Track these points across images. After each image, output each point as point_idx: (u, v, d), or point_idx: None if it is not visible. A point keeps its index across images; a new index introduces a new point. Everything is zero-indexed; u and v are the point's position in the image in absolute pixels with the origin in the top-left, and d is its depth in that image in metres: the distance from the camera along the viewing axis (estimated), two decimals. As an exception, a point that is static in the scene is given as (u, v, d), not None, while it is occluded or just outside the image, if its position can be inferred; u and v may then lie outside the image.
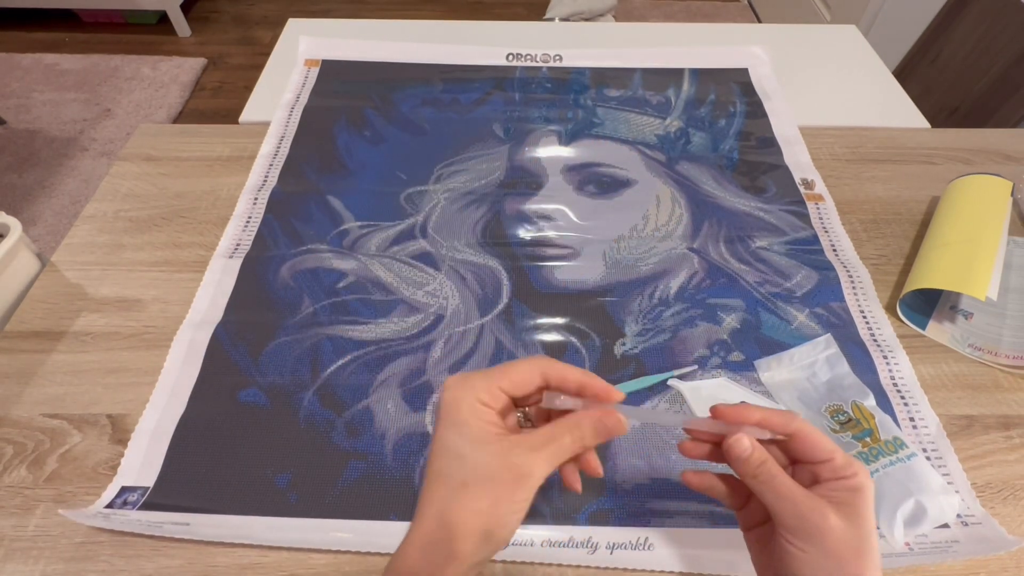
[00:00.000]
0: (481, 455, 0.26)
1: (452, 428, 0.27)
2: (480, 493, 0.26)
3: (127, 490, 0.41)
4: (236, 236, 0.56)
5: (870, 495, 0.28)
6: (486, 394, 0.27)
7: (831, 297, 0.53)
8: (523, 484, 0.26)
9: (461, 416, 0.27)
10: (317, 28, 0.82)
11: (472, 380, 0.28)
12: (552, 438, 0.27)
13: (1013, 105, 1.17)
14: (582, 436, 0.28)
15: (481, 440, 0.26)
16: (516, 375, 0.28)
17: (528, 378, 0.28)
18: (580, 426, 0.28)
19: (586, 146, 0.66)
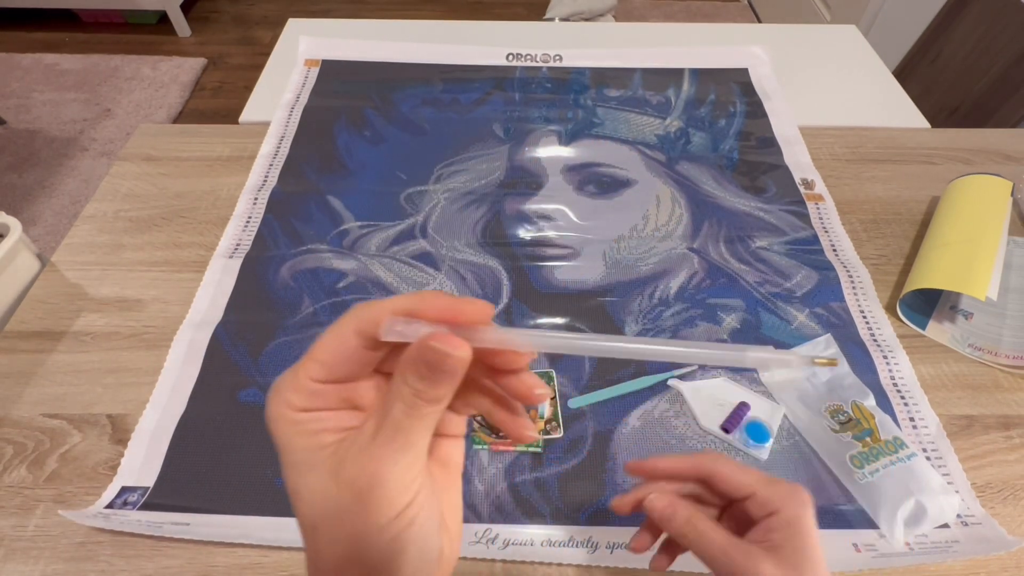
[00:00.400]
0: (314, 484, 0.19)
1: (281, 461, 0.20)
2: (331, 534, 0.19)
3: (127, 490, 0.41)
4: (236, 236, 0.56)
5: (805, 524, 0.27)
6: (295, 396, 0.19)
7: (831, 297, 0.53)
8: (374, 502, 0.18)
9: (280, 440, 0.19)
10: (317, 28, 0.82)
11: (278, 385, 0.20)
12: (383, 417, 0.19)
13: (1013, 105, 1.17)
14: (413, 391, 0.19)
15: (307, 464, 0.19)
16: (323, 351, 0.20)
17: (340, 344, 0.20)
18: (404, 378, 0.19)
19: (586, 146, 0.66)
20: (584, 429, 0.45)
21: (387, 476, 0.18)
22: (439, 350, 0.18)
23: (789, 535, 0.26)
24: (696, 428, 0.45)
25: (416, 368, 0.19)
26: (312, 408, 0.20)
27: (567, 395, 0.47)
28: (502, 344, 0.20)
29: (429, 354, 0.18)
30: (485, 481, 0.42)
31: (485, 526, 0.40)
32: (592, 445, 0.44)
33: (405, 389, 0.19)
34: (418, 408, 0.19)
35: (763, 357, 0.20)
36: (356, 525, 0.19)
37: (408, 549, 0.19)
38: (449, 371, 0.19)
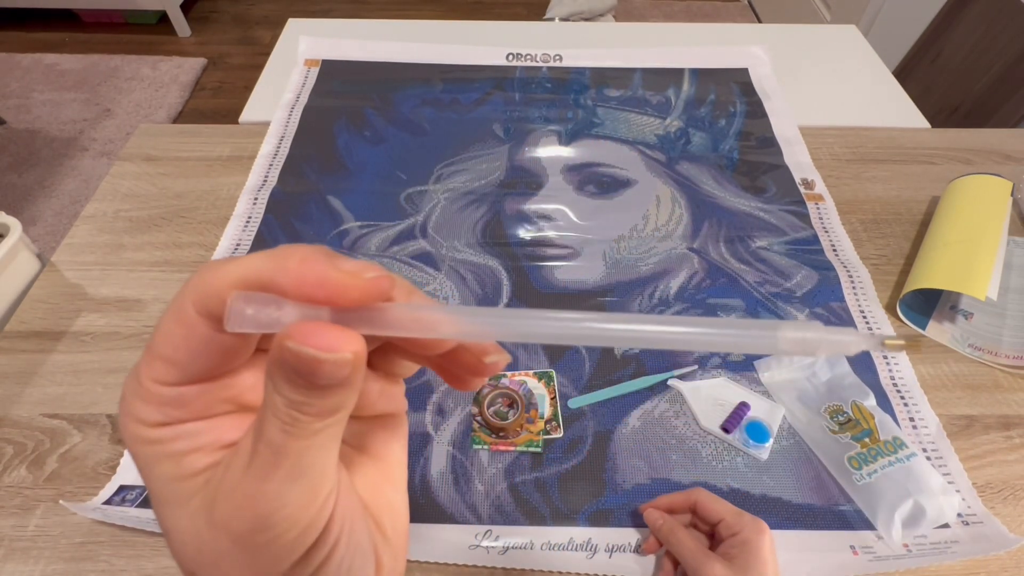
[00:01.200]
0: (185, 523, 0.14)
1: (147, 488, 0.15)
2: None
3: (125, 488, 0.41)
4: (236, 236, 0.56)
5: (757, 545, 0.34)
6: (143, 408, 0.14)
7: (831, 297, 0.53)
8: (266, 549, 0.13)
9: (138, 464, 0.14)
10: (317, 28, 0.82)
11: (124, 395, 0.14)
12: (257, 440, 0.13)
13: (1013, 105, 1.17)
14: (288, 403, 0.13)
15: (173, 498, 0.14)
16: (164, 343, 0.13)
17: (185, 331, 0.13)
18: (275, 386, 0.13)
19: (586, 146, 0.66)
20: (584, 429, 0.45)
21: (273, 517, 0.13)
22: (304, 355, 0.12)
23: (742, 551, 0.35)
24: (696, 428, 0.45)
25: (285, 375, 0.12)
26: (172, 421, 0.14)
27: (567, 395, 0.47)
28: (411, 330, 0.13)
29: (291, 358, 0.12)
30: (485, 481, 0.42)
31: (485, 528, 0.40)
32: (592, 445, 0.44)
33: (278, 400, 0.13)
34: (301, 425, 0.13)
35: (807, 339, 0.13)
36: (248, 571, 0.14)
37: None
38: (330, 380, 0.12)
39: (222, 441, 0.14)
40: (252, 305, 0.12)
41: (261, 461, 0.13)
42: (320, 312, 0.13)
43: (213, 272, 0.13)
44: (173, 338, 0.13)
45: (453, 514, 0.41)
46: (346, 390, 0.13)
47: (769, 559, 0.34)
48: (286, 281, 0.13)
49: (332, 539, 0.14)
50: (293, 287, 0.13)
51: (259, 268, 0.13)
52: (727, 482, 0.43)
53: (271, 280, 0.13)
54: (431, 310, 0.14)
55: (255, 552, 0.13)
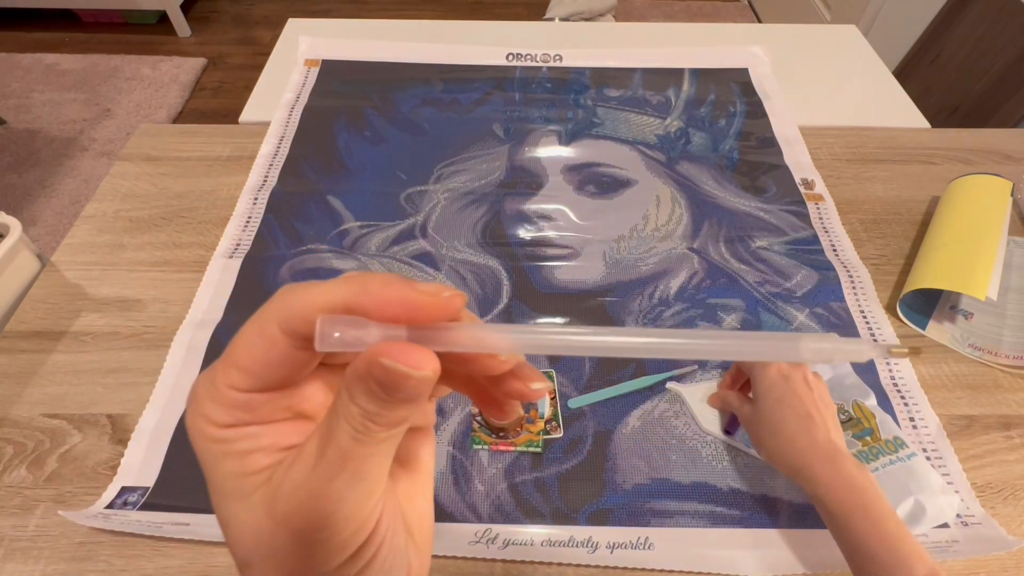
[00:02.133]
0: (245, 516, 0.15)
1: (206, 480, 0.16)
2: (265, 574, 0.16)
3: (127, 490, 0.41)
4: (236, 236, 0.56)
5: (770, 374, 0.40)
6: (215, 409, 0.15)
7: (831, 297, 0.53)
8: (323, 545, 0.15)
9: (202, 460, 0.16)
10: (317, 28, 0.82)
11: (196, 395, 0.15)
12: (326, 440, 0.15)
13: (1013, 105, 1.17)
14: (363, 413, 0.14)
15: (236, 492, 0.15)
16: (244, 354, 0.15)
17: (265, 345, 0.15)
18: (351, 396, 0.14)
19: (586, 146, 0.66)
20: (584, 429, 0.45)
21: (334, 515, 0.14)
22: (395, 370, 0.14)
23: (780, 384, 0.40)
24: (696, 428, 0.45)
25: (366, 387, 0.14)
26: (240, 423, 0.15)
27: (567, 395, 0.47)
28: (478, 347, 0.15)
29: (381, 374, 0.14)
30: (485, 481, 0.42)
31: (485, 526, 0.40)
32: (592, 445, 0.44)
33: (353, 410, 0.14)
34: (371, 434, 0.14)
35: (824, 348, 0.15)
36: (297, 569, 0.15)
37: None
38: (409, 395, 0.14)
39: (281, 444, 0.16)
40: (338, 328, 0.14)
41: (328, 463, 0.14)
42: (399, 331, 0.15)
43: (299, 296, 0.15)
44: (253, 351, 0.15)
45: (453, 514, 0.41)
46: (416, 405, 0.15)
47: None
48: (369, 302, 0.14)
49: (378, 540, 0.16)
50: (375, 308, 0.14)
51: (343, 293, 0.15)
52: (727, 482, 0.43)
53: (355, 303, 0.14)
54: (494, 330, 0.15)
55: (312, 547, 0.15)
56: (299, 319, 0.14)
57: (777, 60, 0.77)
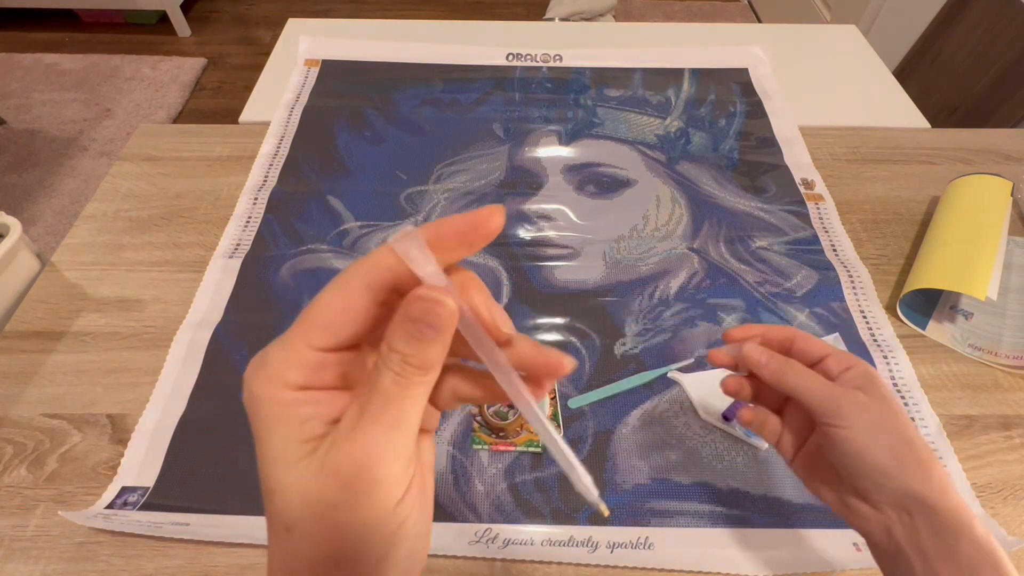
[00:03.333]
0: (294, 480, 0.17)
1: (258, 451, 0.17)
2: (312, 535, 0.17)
3: (127, 490, 0.41)
4: (236, 236, 0.56)
5: (879, 377, 0.31)
6: (293, 371, 0.17)
7: (831, 297, 0.53)
8: (365, 494, 0.16)
9: (260, 431, 0.17)
10: (317, 28, 0.82)
11: (269, 360, 0.17)
12: (371, 393, 0.17)
13: (1013, 105, 1.17)
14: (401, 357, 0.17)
15: (290, 459, 0.17)
16: (327, 311, 0.17)
17: (347, 302, 0.17)
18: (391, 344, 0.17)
19: (586, 146, 0.66)
20: (584, 429, 0.45)
21: (378, 460, 0.16)
22: (430, 298, 0.17)
23: (868, 380, 0.30)
24: (696, 428, 0.45)
25: (404, 331, 0.17)
26: (311, 386, 0.17)
27: (567, 395, 0.47)
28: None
29: (418, 306, 0.17)
30: (485, 481, 0.42)
31: (485, 526, 0.40)
32: (592, 445, 0.44)
33: (394, 356, 0.17)
34: (409, 376, 0.17)
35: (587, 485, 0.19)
36: (343, 524, 0.16)
37: (397, 551, 0.17)
38: (439, 325, 0.17)
39: (333, 415, 0.17)
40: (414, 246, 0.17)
41: (373, 409, 0.17)
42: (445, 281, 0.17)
43: (376, 255, 0.17)
44: (335, 306, 0.17)
45: (453, 513, 0.41)
46: (443, 344, 0.17)
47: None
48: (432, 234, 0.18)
49: (410, 503, 0.17)
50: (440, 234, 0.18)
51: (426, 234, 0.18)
52: (727, 482, 0.43)
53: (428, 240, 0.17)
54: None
55: (358, 495, 0.16)
56: (383, 270, 0.17)
57: (777, 60, 0.78)
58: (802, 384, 0.31)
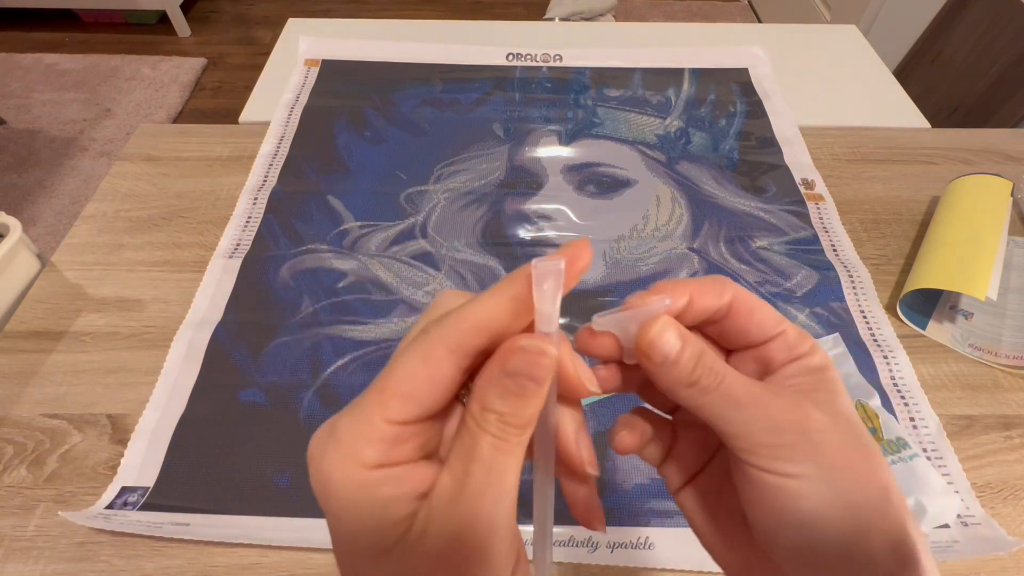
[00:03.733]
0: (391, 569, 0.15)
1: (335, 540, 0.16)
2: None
3: (127, 490, 0.41)
4: (236, 236, 0.56)
5: (836, 375, 0.19)
6: (370, 448, 0.15)
7: (831, 297, 0.53)
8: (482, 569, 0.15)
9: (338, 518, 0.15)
10: (317, 28, 0.82)
11: (340, 436, 0.15)
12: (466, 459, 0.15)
13: (1013, 105, 1.17)
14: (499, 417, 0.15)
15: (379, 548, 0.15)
16: (409, 381, 0.15)
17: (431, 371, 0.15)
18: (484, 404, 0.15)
19: (586, 146, 0.66)
20: (584, 429, 0.45)
21: (488, 538, 0.14)
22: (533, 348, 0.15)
23: (823, 380, 0.19)
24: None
25: (500, 388, 0.15)
26: (391, 462, 0.15)
27: (567, 395, 0.47)
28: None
29: (519, 358, 0.15)
30: (485, 481, 0.42)
31: (485, 526, 0.40)
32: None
33: (490, 417, 0.15)
34: (509, 437, 0.15)
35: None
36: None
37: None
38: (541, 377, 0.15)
39: (419, 490, 0.15)
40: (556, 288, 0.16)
41: (474, 482, 0.15)
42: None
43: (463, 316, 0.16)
44: (418, 376, 0.15)
45: (453, 514, 0.41)
46: (539, 399, 0.16)
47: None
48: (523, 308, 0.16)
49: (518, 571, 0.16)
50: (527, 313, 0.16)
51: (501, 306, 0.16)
52: (727, 482, 0.43)
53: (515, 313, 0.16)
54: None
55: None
56: (470, 334, 0.15)
57: (777, 60, 0.77)
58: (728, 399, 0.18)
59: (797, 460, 0.17)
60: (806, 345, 0.19)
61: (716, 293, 0.19)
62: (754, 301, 0.19)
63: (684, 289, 0.19)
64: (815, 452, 0.17)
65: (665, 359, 0.18)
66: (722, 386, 0.18)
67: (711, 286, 0.19)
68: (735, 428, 0.18)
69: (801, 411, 0.17)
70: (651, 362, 0.18)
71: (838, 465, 0.17)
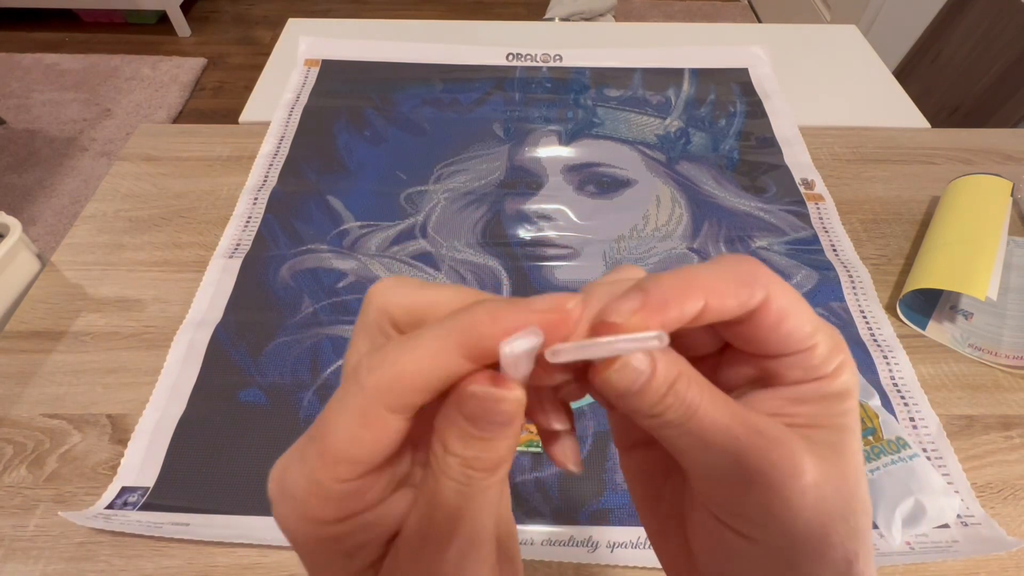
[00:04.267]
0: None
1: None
2: None
3: (127, 490, 0.41)
4: (236, 236, 0.56)
5: (856, 407, 0.15)
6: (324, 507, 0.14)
7: (831, 297, 0.53)
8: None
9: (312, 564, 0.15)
10: (317, 28, 0.82)
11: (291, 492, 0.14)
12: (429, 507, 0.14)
13: (1013, 105, 1.17)
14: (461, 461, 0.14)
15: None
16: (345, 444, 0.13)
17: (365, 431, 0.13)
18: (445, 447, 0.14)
19: (586, 146, 0.66)
20: (584, 429, 0.45)
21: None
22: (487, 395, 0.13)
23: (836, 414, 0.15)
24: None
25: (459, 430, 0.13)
26: (352, 514, 0.14)
27: (567, 395, 0.47)
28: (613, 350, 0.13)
29: (473, 404, 0.13)
30: (485, 481, 0.42)
31: (485, 526, 0.40)
32: (592, 445, 0.44)
33: (451, 461, 0.13)
34: (475, 482, 0.14)
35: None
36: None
37: None
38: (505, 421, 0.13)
39: (392, 530, 0.14)
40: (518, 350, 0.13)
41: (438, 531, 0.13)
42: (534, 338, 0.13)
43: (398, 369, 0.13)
44: (360, 440, 0.13)
45: (453, 514, 0.41)
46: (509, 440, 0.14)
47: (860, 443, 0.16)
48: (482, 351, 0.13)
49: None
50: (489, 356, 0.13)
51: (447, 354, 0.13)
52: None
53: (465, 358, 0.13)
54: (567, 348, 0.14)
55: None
56: (410, 393, 0.13)
57: (777, 60, 0.78)
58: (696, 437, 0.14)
59: (761, 525, 0.14)
60: (832, 364, 0.15)
61: (743, 296, 0.14)
62: (790, 305, 0.14)
63: (698, 293, 0.14)
64: (787, 517, 0.14)
65: (627, 392, 0.14)
66: (692, 421, 0.14)
67: (735, 287, 0.14)
68: (699, 471, 0.15)
69: (791, 464, 0.14)
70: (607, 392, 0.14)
71: (811, 537, 0.14)
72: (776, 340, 0.14)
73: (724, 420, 0.14)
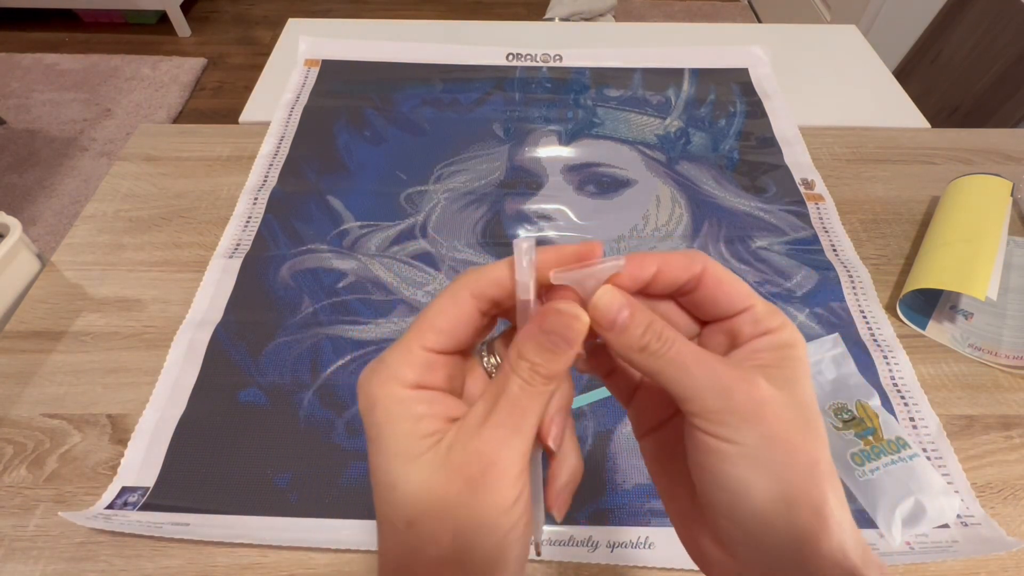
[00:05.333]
0: (416, 474, 0.18)
1: (374, 449, 0.18)
2: (432, 530, 0.17)
3: (127, 490, 0.41)
4: (236, 236, 0.56)
5: (803, 353, 0.20)
6: (409, 369, 0.19)
7: (831, 297, 0.53)
8: (487, 489, 0.17)
9: (378, 428, 0.18)
10: (317, 28, 0.82)
11: (385, 362, 0.19)
12: (496, 395, 0.18)
13: (1013, 105, 1.17)
14: (531, 365, 0.18)
15: (411, 453, 0.18)
16: (440, 317, 0.19)
17: (457, 309, 0.19)
18: (520, 352, 0.18)
19: (586, 146, 0.66)
20: (584, 429, 0.45)
21: (501, 461, 0.18)
22: (568, 312, 0.18)
23: (786, 357, 0.19)
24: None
25: (536, 342, 0.18)
26: (425, 385, 0.19)
27: (567, 395, 0.47)
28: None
29: (555, 318, 0.18)
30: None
31: (485, 526, 0.40)
32: (592, 445, 0.44)
33: (523, 364, 0.18)
34: (536, 384, 0.18)
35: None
36: (464, 519, 0.17)
37: (511, 554, 0.18)
38: (573, 339, 0.18)
39: (447, 414, 0.19)
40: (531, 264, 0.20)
41: (499, 413, 0.18)
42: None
43: (482, 271, 0.20)
44: (447, 313, 0.19)
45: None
46: (567, 359, 0.18)
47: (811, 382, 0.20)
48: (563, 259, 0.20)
49: (522, 506, 0.18)
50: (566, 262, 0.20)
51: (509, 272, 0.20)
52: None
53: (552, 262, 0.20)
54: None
55: (480, 493, 0.17)
56: (490, 283, 0.20)
57: (777, 60, 0.78)
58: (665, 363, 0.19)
59: (740, 428, 0.18)
60: (775, 321, 0.20)
61: (685, 265, 0.20)
62: (724, 274, 0.20)
63: (652, 260, 0.20)
64: (759, 423, 0.18)
65: (613, 324, 0.19)
66: (671, 351, 0.19)
67: (681, 258, 0.20)
68: (686, 392, 0.19)
69: (751, 381, 0.18)
70: (601, 327, 0.19)
71: (777, 438, 0.18)
72: (723, 301, 0.20)
73: (697, 351, 0.19)
